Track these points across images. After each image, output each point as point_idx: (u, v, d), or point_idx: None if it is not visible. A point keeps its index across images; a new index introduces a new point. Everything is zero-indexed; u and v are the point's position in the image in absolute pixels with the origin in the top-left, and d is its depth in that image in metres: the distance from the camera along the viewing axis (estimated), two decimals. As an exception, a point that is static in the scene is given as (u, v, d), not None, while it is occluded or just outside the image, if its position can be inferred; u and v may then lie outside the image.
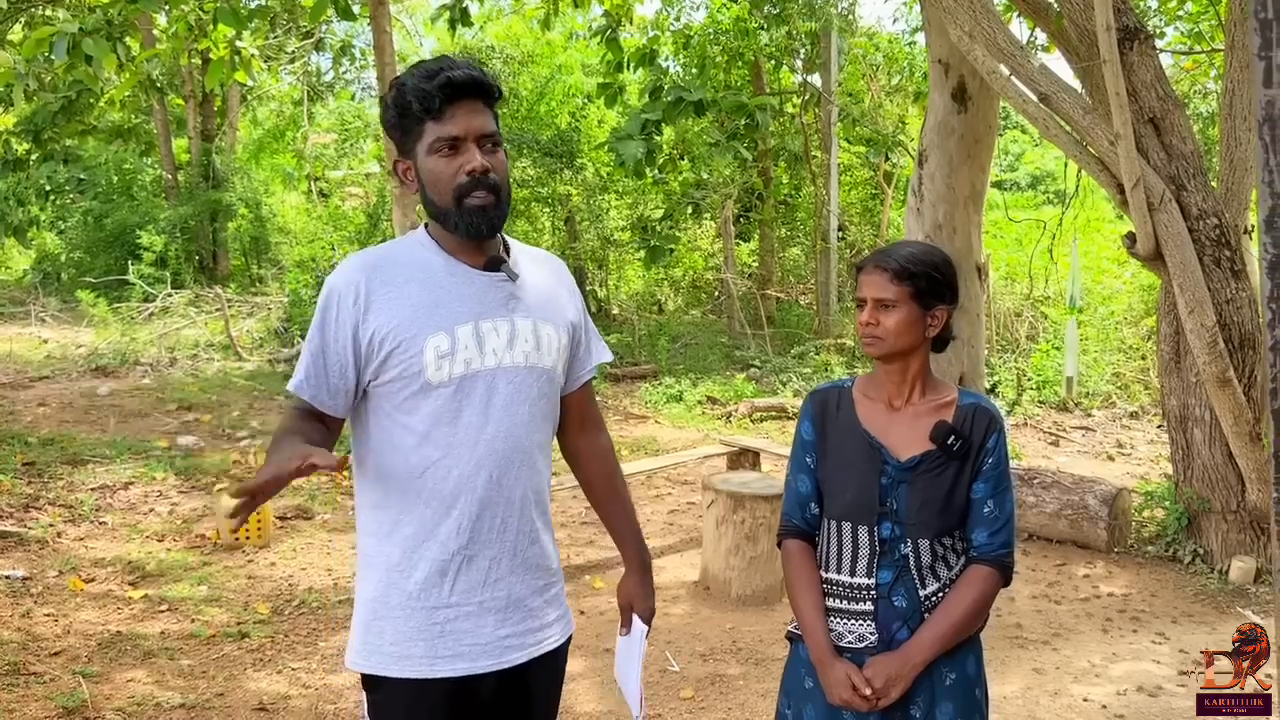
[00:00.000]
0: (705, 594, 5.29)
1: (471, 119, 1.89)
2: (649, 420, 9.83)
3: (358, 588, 2.02)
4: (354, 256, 1.98)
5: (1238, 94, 5.53)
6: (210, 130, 19.62)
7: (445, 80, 1.85)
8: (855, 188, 15.30)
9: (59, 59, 6.69)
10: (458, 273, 1.96)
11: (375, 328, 1.89)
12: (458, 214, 1.90)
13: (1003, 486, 2.10)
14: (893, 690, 2.03)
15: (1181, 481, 5.62)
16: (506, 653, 1.99)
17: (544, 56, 15.76)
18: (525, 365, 1.99)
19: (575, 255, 14.92)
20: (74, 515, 6.32)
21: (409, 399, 1.91)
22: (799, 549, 2.21)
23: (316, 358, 1.91)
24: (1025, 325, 11.48)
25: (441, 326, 1.90)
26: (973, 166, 6.60)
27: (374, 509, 1.97)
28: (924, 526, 2.07)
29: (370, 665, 1.95)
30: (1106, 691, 4.13)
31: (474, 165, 1.88)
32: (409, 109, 1.88)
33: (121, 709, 3.89)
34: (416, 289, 1.92)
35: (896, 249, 2.14)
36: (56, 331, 13.89)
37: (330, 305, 1.91)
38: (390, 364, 1.89)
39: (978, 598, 2.07)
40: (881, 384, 2.19)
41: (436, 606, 1.93)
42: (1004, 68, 5.35)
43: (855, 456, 2.13)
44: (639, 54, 8.72)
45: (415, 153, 1.92)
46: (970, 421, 2.10)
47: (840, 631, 2.12)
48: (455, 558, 1.94)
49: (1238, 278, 5.26)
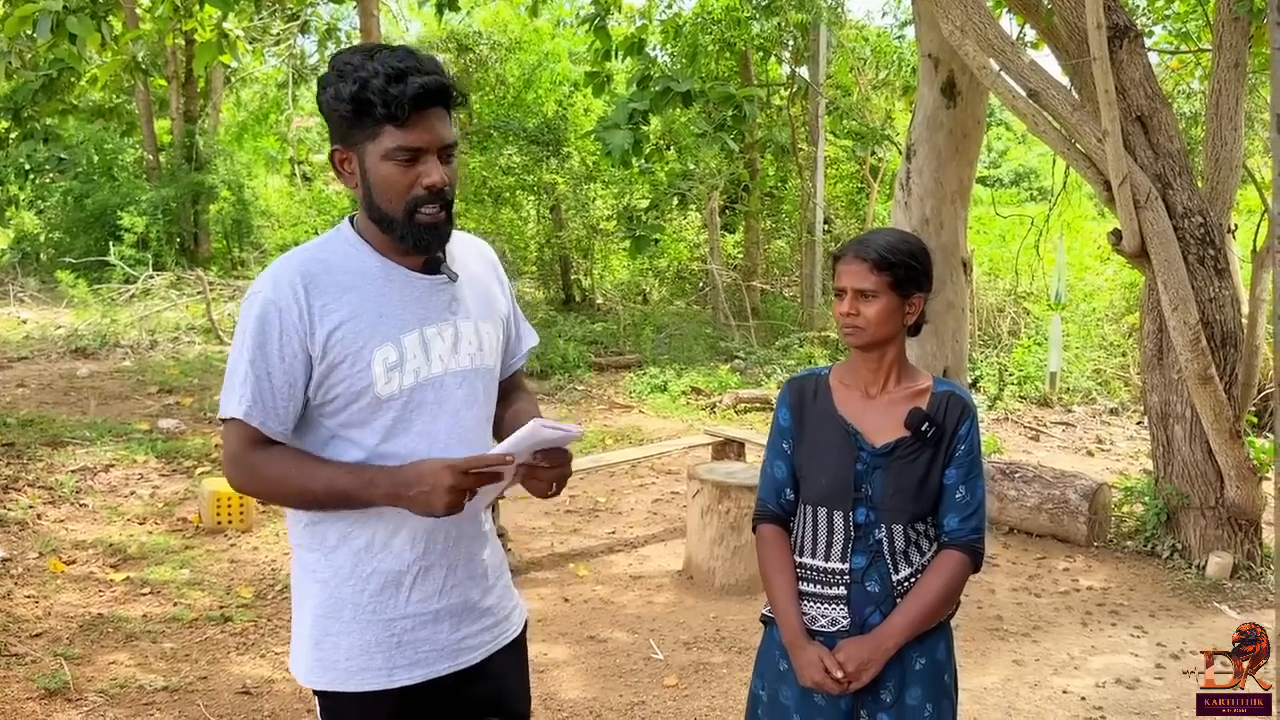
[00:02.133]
0: (689, 583, 5.31)
1: (436, 129, 1.77)
2: (633, 410, 9.84)
3: (298, 600, 1.94)
4: (282, 264, 1.84)
5: (1224, 94, 5.57)
6: (193, 112, 19.45)
7: (419, 89, 1.72)
8: (841, 181, 15.33)
9: (42, 37, 6.60)
10: (396, 277, 1.86)
11: (321, 342, 1.78)
12: (406, 226, 1.80)
13: (974, 473, 2.14)
14: (864, 674, 2.06)
15: (1161, 477, 5.68)
16: (463, 654, 1.96)
17: (531, 43, 15.71)
18: (471, 368, 1.93)
19: (560, 244, 14.90)
20: (54, 497, 6.28)
21: (358, 413, 1.83)
22: (773, 533, 2.25)
23: (261, 380, 1.78)
24: (1008, 321, 11.54)
25: (388, 338, 1.82)
26: (960, 162, 6.61)
27: (316, 524, 1.88)
28: (898, 512, 2.11)
29: (325, 681, 1.89)
30: (1085, 683, 4.18)
31: (434, 180, 1.78)
32: (369, 109, 1.73)
33: (104, 691, 3.88)
34: (357, 298, 1.81)
35: (874, 238, 2.16)
36: (35, 312, 13.77)
37: (269, 321, 1.78)
38: (334, 379, 1.80)
39: (948, 583, 2.11)
40: (858, 372, 2.22)
41: (393, 618, 1.88)
42: (994, 63, 5.36)
43: (831, 443, 2.17)
44: (627, 43, 8.68)
45: (364, 150, 1.79)
46: (944, 409, 2.14)
47: (814, 615, 2.15)
48: (411, 568, 1.88)
49: (1221, 276, 5.31)
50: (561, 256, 15.50)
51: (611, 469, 7.25)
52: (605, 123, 7.73)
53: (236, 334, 1.84)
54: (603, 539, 6.07)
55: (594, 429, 8.85)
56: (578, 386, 10.70)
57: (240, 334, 1.82)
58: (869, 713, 2.12)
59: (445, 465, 1.75)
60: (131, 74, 9.89)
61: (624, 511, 6.64)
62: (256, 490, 1.89)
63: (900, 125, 12.67)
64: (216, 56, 8.17)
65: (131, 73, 9.70)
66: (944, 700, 2.16)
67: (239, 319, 1.86)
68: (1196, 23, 8.05)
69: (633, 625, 4.75)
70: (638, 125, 7.57)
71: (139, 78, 12.87)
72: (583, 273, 15.71)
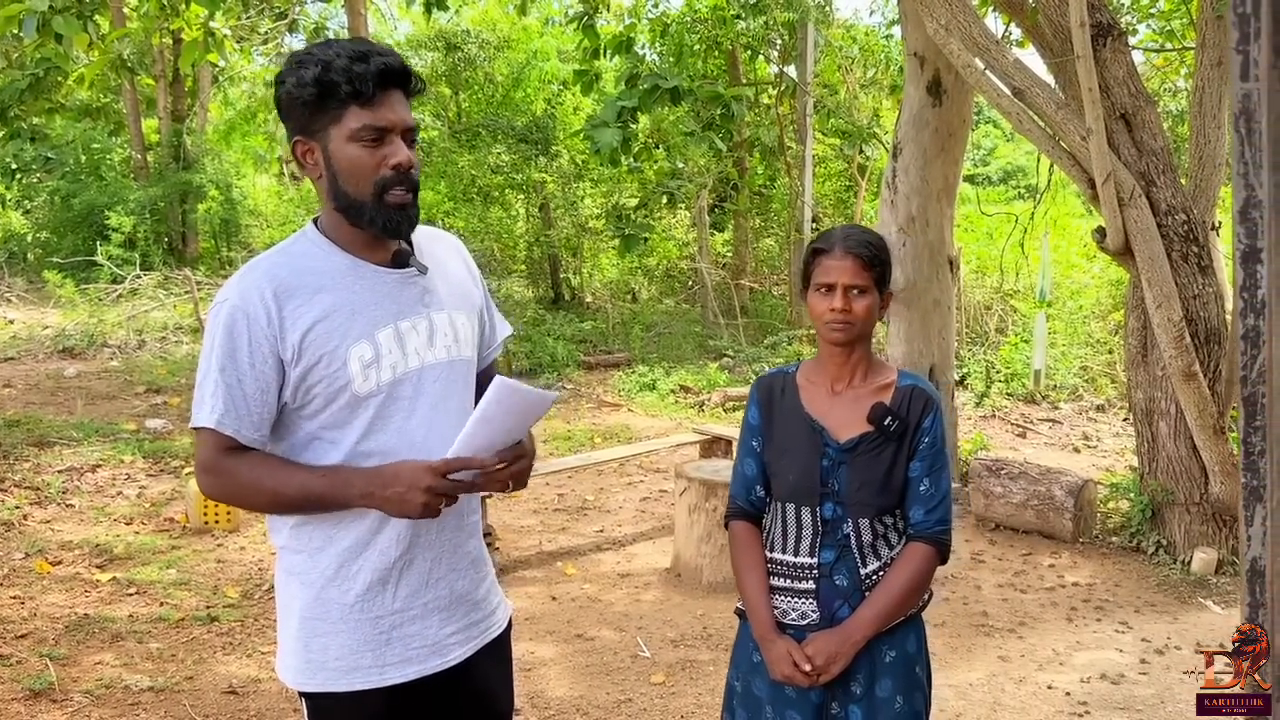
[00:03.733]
0: (677, 581, 5.32)
1: (399, 110, 1.79)
2: (622, 408, 9.85)
3: (283, 603, 1.95)
4: (249, 270, 1.83)
5: (1207, 92, 5.60)
6: (181, 111, 19.38)
7: (382, 66, 1.75)
8: (829, 179, 15.35)
9: (29, 37, 6.58)
10: (366, 274, 1.86)
11: (294, 345, 1.78)
12: (376, 208, 1.80)
13: (938, 465, 2.16)
14: (833, 666, 2.08)
15: (1146, 473, 5.71)
16: (451, 650, 1.96)
17: (520, 42, 15.68)
18: (447, 360, 1.93)
19: (549, 243, 14.90)
20: (41, 497, 6.26)
21: (337, 413, 1.83)
22: (745, 530, 2.26)
23: (233, 388, 1.77)
24: (995, 318, 11.59)
25: (363, 335, 1.82)
26: (946, 160, 6.65)
27: (300, 525, 1.88)
28: (864, 506, 2.13)
29: (315, 683, 1.88)
30: (1070, 679, 4.20)
31: (400, 159, 1.79)
32: (334, 90, 1.74)
33: (90, 691, 3.87)
34: (329, 298, 1.81)
35: (855, 234, 2.17)
36: (22, 312, 13.71)
37: (238, 329, 1.77)
38: (311, 381, 1.80)
39: (914, 575, 2.13)
40: (825, 368, 2.23)
41: (380, 615, 1.88)
42: (979, 62, 5.39)
43: (798, 439, 2.18)
44: (615, 41, 8.70)
45: (327, 136, 1.79)
46: (907, 403, 2.16)
47: (784, 609, 2.17)
48: (396, 564, 1.88)
49: (1205, 273, 5.34)
50: (550, 255, 15.48)
51: (600, 467, 7.25)
52: (594, 121, 7.75)
53: (205, 343, 1.82)
54: (591, 537, 6.08)
55: (583, 427, 8.85)
56: (567, 385, 10.70)
57: (209, 343, 1.81)
58: (840, 705, 2.14)
59: (425, 467, 1.75)
60: (118, 73, 9.87)
61: (612, 509, 6.65)
62: (230, 497, 1.89)
63: (888, 124, 12.69)
64: (203, 55, 8.15)
65: (118, 71, 9.68)
66: (915, 692, 2.17)
67: (207, 327, 1.85)
68: (1180, 21, 8.09)
69: (620, 623, 4.76)
70: (626, 124, 7.59)
71: (126, 76, 12.82)
72: (572, 271, 15.71)
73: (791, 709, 2.15)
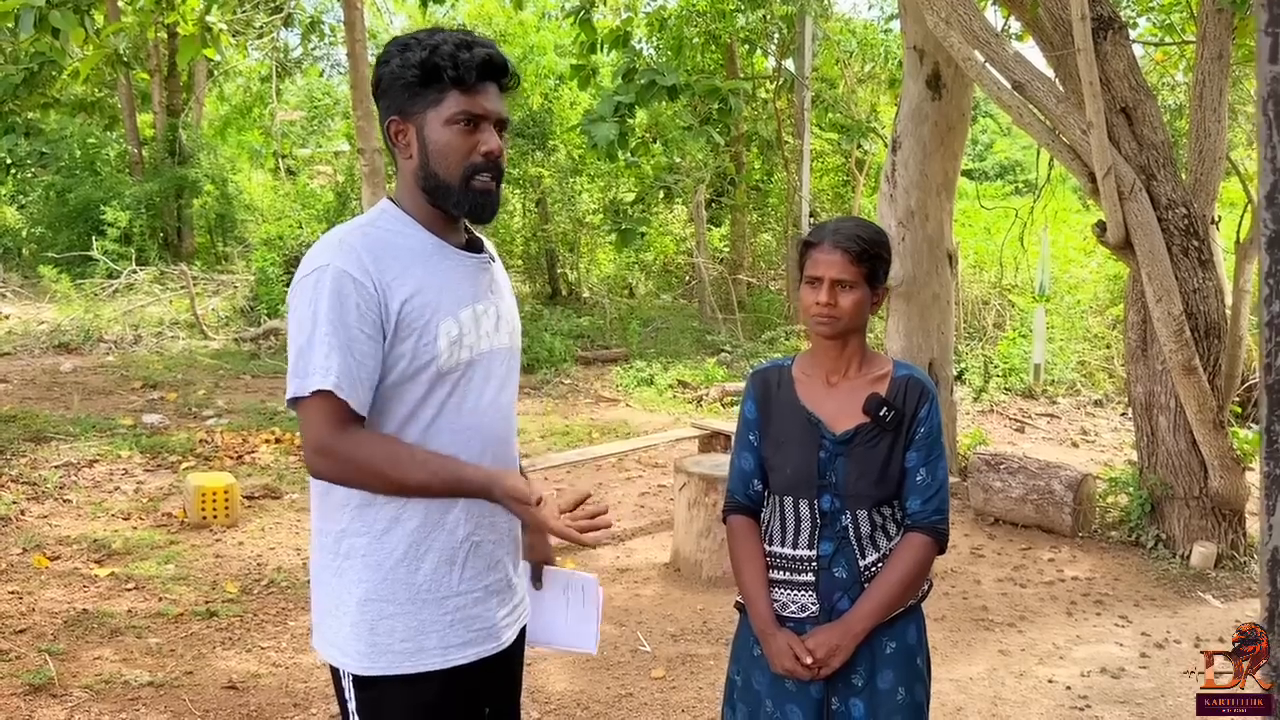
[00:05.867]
0: (676, 575, 5.31)
1: (495, 101, 1.86)
2: (620, 403, 9.84)
3: (338, 588, 1.89)
4: (344, 237, 1.82)
5: (1208, 86, 5.59)
6: (176, 105, 19.32)
7: (485, 56, 1.81)
8: (827, 174, 15.33)
9: (25, 33, 6.53)
10: (450, 255, 1.90)
11: (395, 314, 1.78)
12: (462, 193, 1.84)
13: (935, 455, 2.16)
14: (834, 660, 2.08)
15: (1145, 468, 5.71)
16: (504, 632, 1.99)
17: (516, 36, 15.65)
18: (509, 346, 2.00)
19: (546, 238, 14.88)
20: (38, 492, 6.24)
21: (417, 387, 1.83)
22: (743, 524, 2.27)
23: (345, 351, 1.73)
24: (993, 313, 11.58)
25: (450, 312, 1.85)
26: (945, 154, 6.64)
27: (365, 507, 1.84)
28: (862, 497, 2.13)
29: (381, 667, 1.85)
30: (1070, 673, 4.20)
31: (491, 147, 1.84)
32: (438, 73, 1.79)
33: (89, 686, 3.86)
34: (420, 272, 1.83)
35: (845, 228, 2.15)
36: (18, 307, 13.68)
37: (345, 291, 1.74)
38: (399, 353, 1.80)
39: (912, 565, 2.13)
40: (820, 361, 2.23)
41: (446, 596, 1.88)
42: (979, 55, 5.37)
43: (795, 432, 2.18)
44: (612, 35, 8.66)
45: (424, 118, 1.83)
46: (903, 393, 2.16)
47: (784, 602, 2.17)
48: (464, 544, 1.89)
49: (1205, 267, 5.33)
50: (548, 250, 15.47)
51: (598, 462, 7.25)
52: (591, 116, 7.72)
53: (301, 312, 1.77)
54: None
55: (580, 422, 8.84)
56: (564, 380, 10.69)
57: (310, 308, 1.75)
58: (840, 698, 2.13)
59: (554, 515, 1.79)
60: (113, 67, 9.84)
61: (611, 505, 6.65)
62: (346, 473, 1.80)
63: (886, 118, 12.68)
64: (199, 50, 8.11)
65: (113, 66, 9.66)
66: (916, 684, 2.17)
67: (299, 296, 1.78)
68: (1180, 14, 8.08)
69: (620, 618, 4.75)
70: (623, 118, 7.56)
71: (121, 71, 12.79)
72: (569, 266, 15.70)
73: (791, 703, 2.15)
